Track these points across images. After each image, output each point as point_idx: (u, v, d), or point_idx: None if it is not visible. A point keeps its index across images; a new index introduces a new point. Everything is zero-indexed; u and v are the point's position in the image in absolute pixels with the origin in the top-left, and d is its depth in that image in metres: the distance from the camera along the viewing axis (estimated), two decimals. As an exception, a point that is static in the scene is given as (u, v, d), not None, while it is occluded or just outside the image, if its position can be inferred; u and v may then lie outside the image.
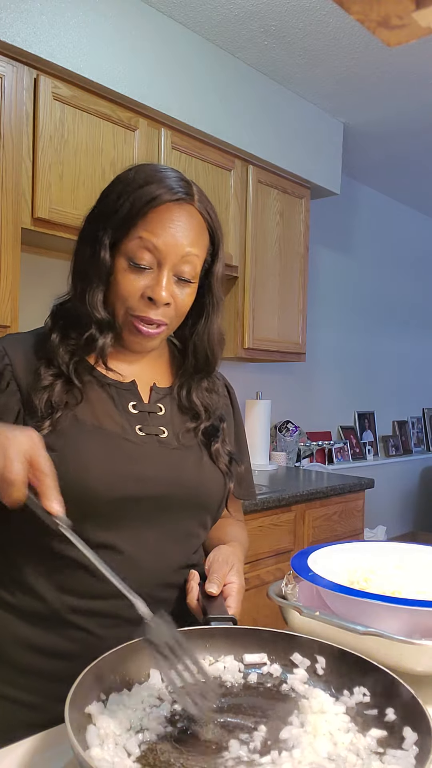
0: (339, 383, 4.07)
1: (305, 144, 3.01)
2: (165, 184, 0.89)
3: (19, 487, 0.70)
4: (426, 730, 0.58)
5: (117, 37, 2.16)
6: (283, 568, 2.39)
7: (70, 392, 0.89)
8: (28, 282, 2.10)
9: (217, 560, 0.92)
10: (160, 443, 0.93)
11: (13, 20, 1.88)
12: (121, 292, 0.89)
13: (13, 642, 0.89)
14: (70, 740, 0.53)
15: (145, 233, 0.87)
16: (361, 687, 0.68)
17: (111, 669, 0.68)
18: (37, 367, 0.90)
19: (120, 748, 0.59)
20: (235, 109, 2.63)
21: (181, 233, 0.88)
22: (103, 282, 0.90)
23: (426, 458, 4.83)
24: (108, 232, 0.89)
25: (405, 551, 1.04)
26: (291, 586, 0.91)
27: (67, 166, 2.02)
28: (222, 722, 0.65)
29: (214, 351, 1.01)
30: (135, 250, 0.88)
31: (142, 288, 0.89)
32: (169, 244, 0.88)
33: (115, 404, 0.93)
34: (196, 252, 0.91)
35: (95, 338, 0.91)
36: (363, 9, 0.41)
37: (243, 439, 1.14)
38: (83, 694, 0.62)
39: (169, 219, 0.88)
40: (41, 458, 0.73)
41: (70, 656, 0.86)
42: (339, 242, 4.01)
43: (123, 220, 0.88)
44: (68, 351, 0.91)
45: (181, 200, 0.89)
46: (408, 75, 2.76)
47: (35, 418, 0.86)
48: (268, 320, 2.91)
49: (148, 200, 0.87)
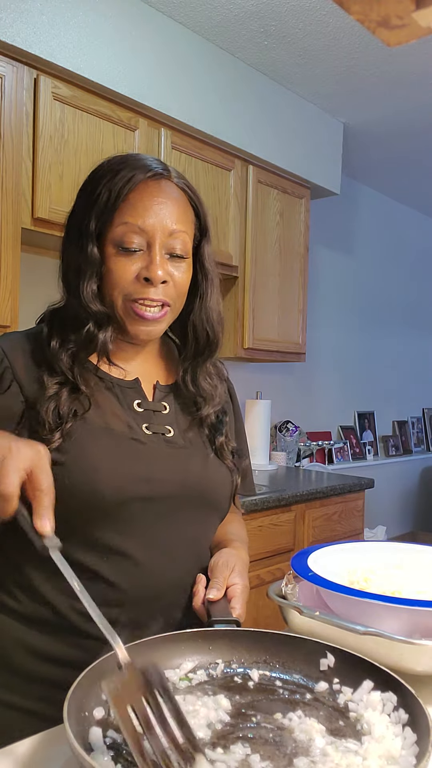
0: (339, 383, 4.07)
1: (305, 144, 3.01)
2: (140, 164, 0.89)
3: (11, 500, 0.68)
4: (426, 730, 0.58)
5: (117, 37, 2.16)
6: (283, 568, 2.39)
7: (77, 399, 0.87)
8: (28, 282, 2.10)
9: (218, 564, 0.91)
10: (167, 442, 0.92)
11: (13, 20, 1.88)
12: (115, 278, 0.88)
13: (21, 650, 0.87)
14: (69, 740, 0.53)
15: (129, 217, 0.87)
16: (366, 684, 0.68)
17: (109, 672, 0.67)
18: (39, 375, 0.87)
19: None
20: (235, 109, 2.63)
21: (165, 210, 0.88)
22: (96, 274, 0.88)
23: (426, 458, 4.83)
24: (92, 223, 0.88)
25: (405, 551, 1.04)
26: (291, 586, 0.91)
27: (67, 166, 2.02)
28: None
29: (214, 329, 0.98)
30: (122, 235, 0.87)
31: (136, 270, 0.87)
32: (155, 224, 0.87)
33: (120, 403, 0.91)
34: (183, 228, 0.90)
35: (94, 334, 0.89)
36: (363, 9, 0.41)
37: (243, 432, 1.13)
38: (82, 693, 0.62)
39: (149, 197, 0.88)
40: (41, 474, 0.70)
41: (80, 664, 0.83)
42: (339, 242, 4.01)
43: (104, 207, 0.88)
44: (69, 355, 0.89)
45: (158, 176, 0.89)
46: (408, 75, 2.76)
47: (43, 431, 0.84)
48: (268, 320, 2.91)
49: (125, 182, 0.87)
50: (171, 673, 0.72)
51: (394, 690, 0.65)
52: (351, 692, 0.68)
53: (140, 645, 0.71)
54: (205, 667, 0.74)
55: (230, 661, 0.75)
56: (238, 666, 0.75)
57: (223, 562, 0.91)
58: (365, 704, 0.66)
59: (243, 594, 0.88)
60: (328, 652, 0.72)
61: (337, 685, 0.70)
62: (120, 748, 0.60)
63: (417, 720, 0.60)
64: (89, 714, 0.62)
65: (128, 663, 0.60)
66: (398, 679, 0.65)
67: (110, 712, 0.64)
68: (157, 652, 0.72)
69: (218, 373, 1.03)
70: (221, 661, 0.75)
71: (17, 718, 0.86)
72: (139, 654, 0.69)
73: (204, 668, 0.74)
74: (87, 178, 0.93)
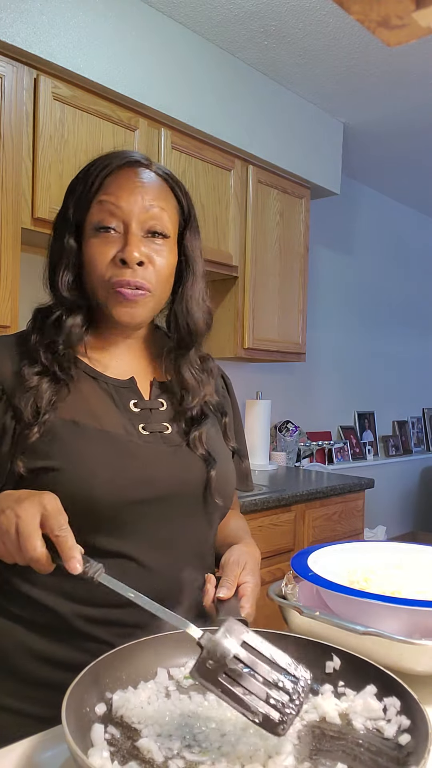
0: (339, 383, 4.07)
1: (305, 144, 3.01)
2: (119, 155, 0.90)
3: (44, 560, 0.70)
4: (425, 730, 0.58)
5: (117, 37, 2.16)
6: (283, 568, 2.39)
7: (58, 389, 0.86)
8: (28, 282, 2.10)
9: (229, 562, 0.89)
10: (164, 441, 0.91)
11: (13, 20, 1.88)
12: (93, 262, 0.87)
13: (25, 655, 0.86)
14: (67, 741, 0.53)
15: (104, 196, 0.87)
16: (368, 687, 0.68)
17: (111, 670, 0.68)
18: (19, 369, 0.87)
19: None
20: (235, 109, 2.63)
21: (142, 188, 0.88)
22: (72, 264, 0.89)
23: (426, 458, 4.83)
24: (69, 212, 0.89)
25: (405, 551, 1.04)
26: (291, 586, 0.91)
27: (67, 166, 2.02)
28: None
29: (194, 318, 0.96)
30: (98, 215, 0.87)
31: (112, 253, 0.87)
32: (131, 200, 0.87)
33: (115, 403, 0.90)
34: (161, 204, 0.89)
35: (63, 320, 0.88)
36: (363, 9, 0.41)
37: (242, 432, 1.12)
38: (83, 690, 0.62)
39: (126, 178, 0.88)
40: (53, 521, 0.71)
41: (81, 667, 0.82)
42: (339, 242, 4.01)
43: (81, 194, 0.89)
44: (46, 345, 0.88)
45: (137, 163, 0.90)
46: (408, 75, 2.76)
47: (21, 423, 0.83)
48: (268, 320, 2.91)
49: (101, 169, 0.88)
50: (176, 671, 0.72)
51: (397, 695, 0.65)
52: (354, 695, 0.68)
53: (147, 643, 0.71)
54: None
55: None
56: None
57: (234, 560, 0.90)
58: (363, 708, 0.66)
59: (253, 592, 0.87)
60: (334, 655, 0.72)
61: (342, 688, 0.70)
62: (119, 743, 0.60)
63: (417, 720, 0.60)
64: (90, 710, 0.62)
65: (207, 637, 0.61)
66: (402, 684, 0.65)
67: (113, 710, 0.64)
68: (162, 650, 0.72)
69: (205, 367, 1.01)
70: None
71: (16, 720, 0.85)
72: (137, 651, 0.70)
73: None
74: (71, 182, 0.94)
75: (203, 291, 0.98)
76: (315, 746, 0.61)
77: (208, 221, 2.57)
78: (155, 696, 0.68)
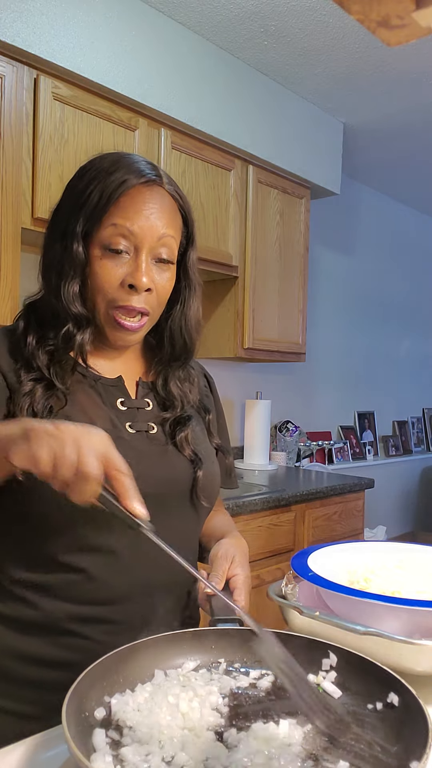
0: (339, 383, 4.07)
1: (305, 144, 3.01)
2: (133, 168, 0.88)
3: (94, 482, 0.65)
4: (425, 730, 0.58)
5: (117, 37, 2.16)
6: (283, 568, 2.39)
7: (54, 396, 0.86)
8: (28, 281, 2.10)
9: (218, 556, 0.91)
10: (150, 440, 0.92)
11: (13, 20, 1.88)
12: (100, 282, 0.87)
13: (8, 654, 0.86)
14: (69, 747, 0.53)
15: (118, 219, 0.86)
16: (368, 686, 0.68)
17: (111, 670, 0.68)
18: (17, 370, 0.87)
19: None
20: (235, 109, 2.63)
21: (155, 215, 0.88)
22: (78, 275, 0.88)
23: (426, 458, 4.83)
24: (80, 223, 0.87)
25: (405, 551, 1.04)
26: (291, 586, 0.91)
27: (67, 166, 2.02)
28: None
29: (191, 336, 0.99)
30: (110, 237, 0.86)
31: (121, 276, 0.87)
32: (144, 227, 0.87)
33: (103, 401, 0.91)
34: (172, 233, 0.90)
35: (73, 335, 0.89)
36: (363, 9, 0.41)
37: (225, 429, 1.13)
38: (82, 695, 0.62)
39: (141, 202, 0.87)
40: (117, 457, 0.68)
41: (72, 666, 0.81)
42: (339, 242, 4.01)
43: (94, 208, 0.87)
44: (47, 353, 0.88)
45: (151, 182, 0.89)
46: (408, 75, 2.76)
47: None
48: (268, 320, 2.91)
49: (117, 185, 0.86)
50: (173, 672, 0.72)
51: (395, 690, 0.65)
52: (354, 694, 0.68)
53: (141, 644, 0.71)
54: (208, 667, 0.74)
55: (233, 660, 0.75)
56: (241, 665, 0.75)
57: (223, 554, 0.91)
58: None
59: (245, 584, 0.87)
60: (330, 652, 0.72)
61: (342, 686, 0.70)
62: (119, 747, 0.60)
63: (417, 720, 0.60)
64: (90, 715, 0.62)
65: (260, 627, 0.64)
66: (400, 680, 0.65)
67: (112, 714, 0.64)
68: (159, 652, 0.72)
69: (190, 377, 1.03)
70: (223, 661, 0.75)
71: (10, 722, 0.85)
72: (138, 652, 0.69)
73: (206, 667, 0.74)
74: (76, 174, 0.92)
75: (199, 310, 1.00)
76: (318, 744, 0.61)
77: (208, 221, 2.57)
78: (151, 699, 0.68)
